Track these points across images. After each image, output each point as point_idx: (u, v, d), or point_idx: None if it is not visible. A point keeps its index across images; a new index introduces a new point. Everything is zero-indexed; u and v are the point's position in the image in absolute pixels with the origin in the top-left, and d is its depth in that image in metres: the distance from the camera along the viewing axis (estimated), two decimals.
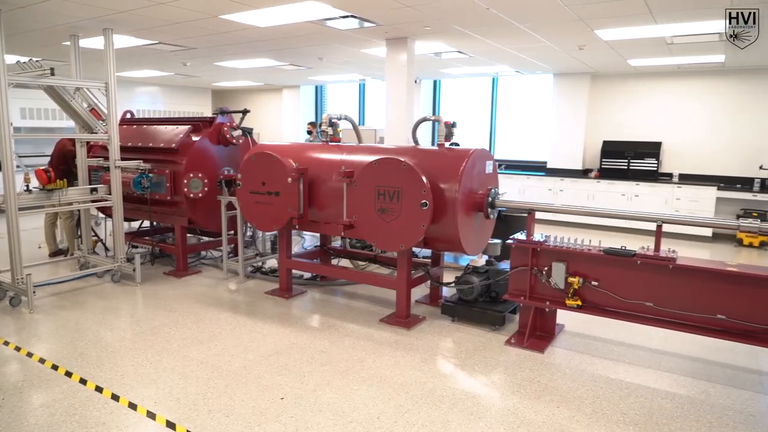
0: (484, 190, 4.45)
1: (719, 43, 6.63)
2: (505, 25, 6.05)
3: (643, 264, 3.74)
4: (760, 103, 8.68)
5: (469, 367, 3.74)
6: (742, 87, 8.80)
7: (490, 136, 11.49)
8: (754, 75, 8.66)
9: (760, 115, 8.68)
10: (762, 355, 3.96)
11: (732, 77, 8.84)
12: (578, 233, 4.55)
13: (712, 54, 7.48)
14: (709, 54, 7.50)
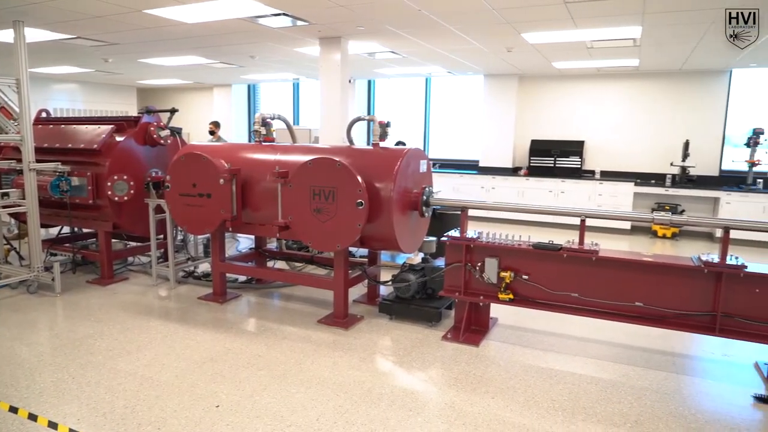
0: (419, 188, 4.51)
1: (634, 47, 7.08)
2: (436, 26, 6.17)
3: (569, 257, 3.94)
4: (670, 104, 9.35)
5: (407, 364, 3.79)
6: (654, 89, 9.45)
7: (424, 135, 11.69)
8: (665, 78, 9.32)
9: (671, 115, 9.35)
10: (674, 338, 4.28)
11: (646, 80, 9.48)
12: (509, 229, 4.71)
13: (627, 58, 7.98)
14: (625, 58, 7.99)
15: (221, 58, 9.07)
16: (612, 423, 3.06)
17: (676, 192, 8.94)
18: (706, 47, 6.91)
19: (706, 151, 9.12)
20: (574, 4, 5.08)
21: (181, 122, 7.27)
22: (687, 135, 9.06)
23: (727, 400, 3.38)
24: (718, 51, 7.19)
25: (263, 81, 12.87)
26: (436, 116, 11.62)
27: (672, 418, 3.12)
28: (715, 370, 3.87)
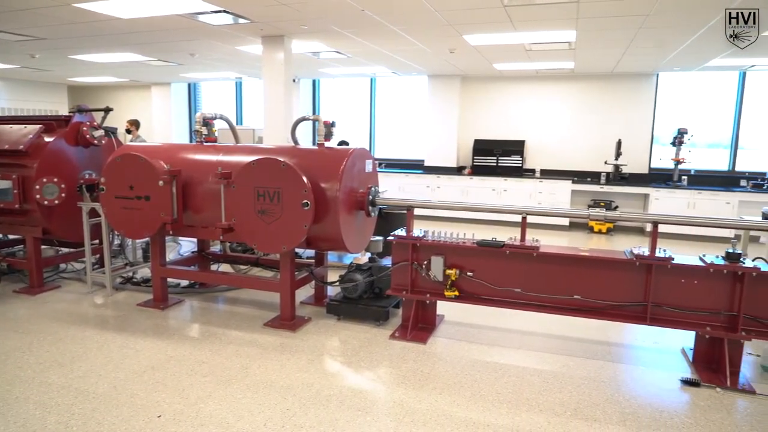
0: (365, 188, 4.52)
1: (569, 51, 7.38)
2: (380, 27, 6.20)
3: (511, 253, 4.06)
4: (604, 106, 9.82)
5: (355, 364, 3.79)
6: (589, 91, 9.89)
7: (370, 135, 11.73)
8: (598, 80, 9.77)
9: (604, 116, 9.82)
10: (609, 329, 4.49)
11: (581, 82, 9.90)
12: (455, 227, 4.80)
13: (564, 61, 8.30)
14: (561, 60, 8.32)
15: (159, 56, 8.75)
16: (553, 412, 3.17)
17: (610, 189, 9.40)
18: (635, 51, 7.30)
19: (637, 150, 9.64)
20: (512, 7, 5.24)
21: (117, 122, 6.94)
22: (619, 135, 9.53)
23: (657, 385, 3.59)
24: (645, 55, 7.61)
25: (204, 80, 12.51)
26: (381, 116, 11.69)
27: (608, 404, 3.28)
28: (646, 357, 4.09)
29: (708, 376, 3.64)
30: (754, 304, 3.60)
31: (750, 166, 9.28)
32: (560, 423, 3.06)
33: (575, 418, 3.12)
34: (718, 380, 3.58)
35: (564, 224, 9.56)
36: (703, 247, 7.67)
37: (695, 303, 3.73)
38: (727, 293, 3.66)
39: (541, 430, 2.98)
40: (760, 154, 9.33)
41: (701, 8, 5.05)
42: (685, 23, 5.65)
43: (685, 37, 6.29)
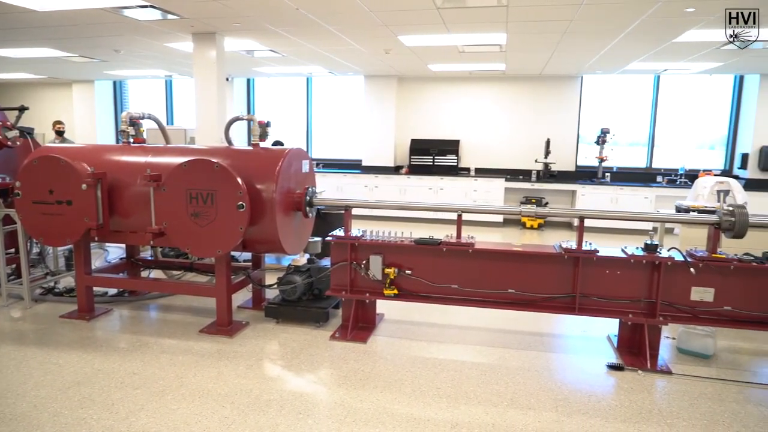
0: (302, 189, 4.47)
1: (500, 53, 7.62)
2: (315, 26, 6.16)
3: (448, 250, 4.15)
4: (533, 106, 10.22)
5: (295, 367, 3.74)
6: (520, 92, 10.27)
7: (307, 135, 11.62)
8: (528, 82, 10.16)
9: (534, 116, 10.23)
10: (542, 320, 4.69)
11: (512, 83, 10.26)
12: (393, 226, 4.85)
13: (495, 62, 8.57)
14: (493, 62, 8.58)
15: (80, 51, 8.26)
16: (491, 403, 3.27)
17: (541, 186, 9.80)
18: (561, 55, 7.65)
19: (564, 149, 10.11)
20: (446, 10, 5.34)
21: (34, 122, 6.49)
22: (548, 134, 9.96)
23: (586, 371, 3.78)
24: (570, 59, 8.00)
25: (131, 77, 11.93)
26: (318, 116, 11.60)
27: (542, 392, 3.42)
28: (576, 345, 4.30)
29: (631, 360, 3.88)
30: (670, 291, 3.87)
31: (665, 163, 9.96)
32: (497, 413, 3.16)
33: (511, 407, 3.23)
34: (639, 363, 3.82)
35: (498, 221, 9.87)
36: (625, 239, 8.15)
37: (618, 292, 3.96)
38: (646, 282, 3.92)
39: (479, 421, 3.07)
40: (673, 151, 10.02)
41: (619, 15, 5.37)
42: (605, 29, 5.98)
43: (606, 42, 6.66)
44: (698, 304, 3.87)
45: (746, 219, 3.61)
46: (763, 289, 3.77)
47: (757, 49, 6.77)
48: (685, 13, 5.19)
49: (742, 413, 3.22)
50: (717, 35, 6.07)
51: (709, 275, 3.81)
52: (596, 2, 4.89)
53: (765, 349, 4.24)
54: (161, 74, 10.96)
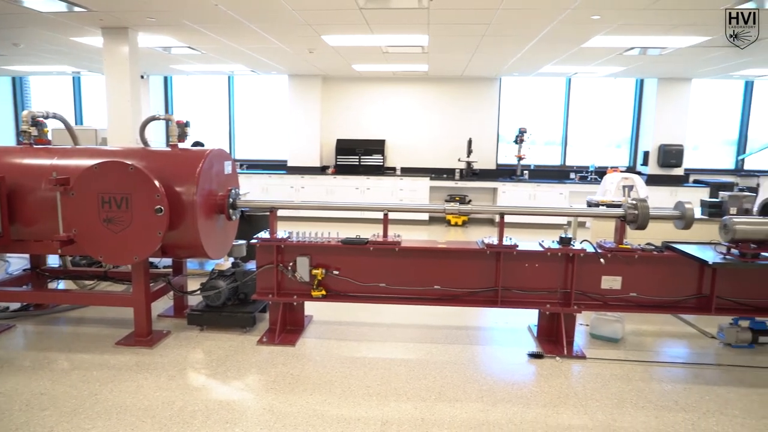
0: (225, 191, 4.34)
1: (423, 54, 7.78)
2: (236, 24, 5.98)
3: (375, 249, 4.18)
4: (455, 107, 10.52)
5: (221, 375, 3.63)
6: (442, 93, 10.53)
7: (230, 135, 11.29)
8: (450, 83, 10.44)
9: (456, 116, 10.53)
10: (467, 314, 4.84)
11: (435, 84, 10.50)
12: (320, 227, 4.81)
13: (418, 63, 8.73)
14: (416, 63, 8.73)
15: None
16: (420, 398, 3.34)
17: (464, 184, 10.11)
18: (481, 57, 7.92)
19: (486, 148, 10.49)
20: (368, 10, 5.37)
21: None
22: (470, 134, 10.29)
23: (509, 361, 3.95)
24: (489, 61, 8.30)
25: (34, 74, 11.04)
26: (241, 116, 11.30)
27: (468, 384, 3.53)
28: (499, 336, 4.47)
29: (549, 348, 4.09)
30: (583, 280, 4.12)
31: (577, 161, 10.58)
32: (426, 407, 3.23)
33: (440, 401, 3.31)
34: (557, 350, 4.04)
35: (424, 219, 10.07)
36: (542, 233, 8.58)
37: (537, 284, 4.17)
38: (562, 273, 4.15)
39: (408, 417, 3.12)
40: (584, 150, 10.66)
41: (533, 21, 5.64)
42: (521, 34, 6.26)
43: (522, 46, 6.98)
44: (608, 291, 4.15)
45: (647, 212, 3.91)
46: (663, 276, 4.11)
47: (654, 55, 7.35)
48: (592, 21, 5.53)
49: (647, 390, 3.49)
50: (620, 41, 6.54)
51: (616, 265, 4.09)
52: (512, 8, 5.11)
53: (666, 331, 4.62)
54: (68, 70, 10.22)
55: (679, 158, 9.84)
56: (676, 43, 6.54)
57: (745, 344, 4.17)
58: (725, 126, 10.51)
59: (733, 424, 3.11)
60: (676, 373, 3.78)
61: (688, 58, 7.58)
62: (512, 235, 4.25)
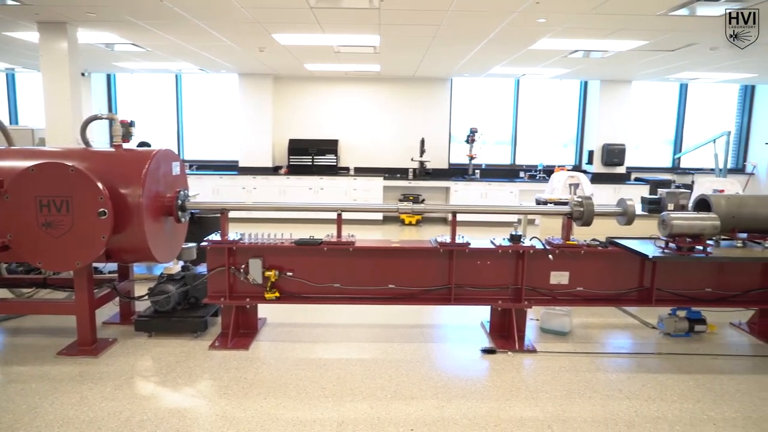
0: (173, 192, 4.22)
1: (375, 54, 7.79)
2: (182, 20, 5.81)
3: (329, 250, 4.16)
4: (408, 107, 10.60)
5: (171, 382, 3.52)
6: (395, 93, 10.59)
7: (178, 136, 10.96)
8: (402, 83, 10.51)
9: (409, 116, 10.61)
10: (422, 312, 4.89)
11: (388, 84, 10.54)
12: (273, 228, 4.75)
13: (370, 63, 8.74)
14: (368, 63, 8.74)
15: None
16: (375, 397, 3.35)
17: (417, 184, 10.20)
18: (432, 58, 8.01)
19: (438, 148, 10.62)
20: (319, 10, 5.34)
21: None
22: (422, 134, 10.39)
23: (463, 357, 4.01)
24: (441, 61, 8.41)
25: None
26: (189, 115, 10.99)
27: (423, 381, 3.57)
28: (453, 334, 4.54)
29: (502, 343, 4.19)
30: (533, 276, 4.24)
31: (526, 160, 10.87)
32: (382, 406, 3.24)
33: (395, 399, 3.33)
34: (509, 345, 4.14)
35: (378, 219, 10.10)
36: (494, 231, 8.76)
37: (489, 281, 4.26)
38: (513, 270, 4.25)
39: (364, 416, 3.12)
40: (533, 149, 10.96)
41: (482, 23, 5.75)
42: (470, 35, 6.37)
43: (472, 47, 7.11)
44: (556, 286, 4.29)
45: (592, 209, 4.06)
46: (607, 270, 4.28)
47: (597, 58, 7.65)
48: (538, 24, 5.70)
49: (594, 380, 3.63)
50: (565, 44, 6.77)
51: (564, 260, 4.24)
52: (461, 9, 5.19)
53: (610, 323, 4.81)
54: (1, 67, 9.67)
55: (622, 157, 10.27)
56: (616, 47, 6.82)
57: (682, 333, 4.41)
58: (663, 126, 11.06)
59: (671, 409, 3.28)
60: (620, 363, 3.95)
61: (628, 61, 7.92)
62: (465, 234, 4.33)
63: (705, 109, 10.94)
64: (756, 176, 10.69)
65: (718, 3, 4.66)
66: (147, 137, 8.68)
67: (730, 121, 10.99)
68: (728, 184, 6.60)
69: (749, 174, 10.79)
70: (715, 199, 4.04)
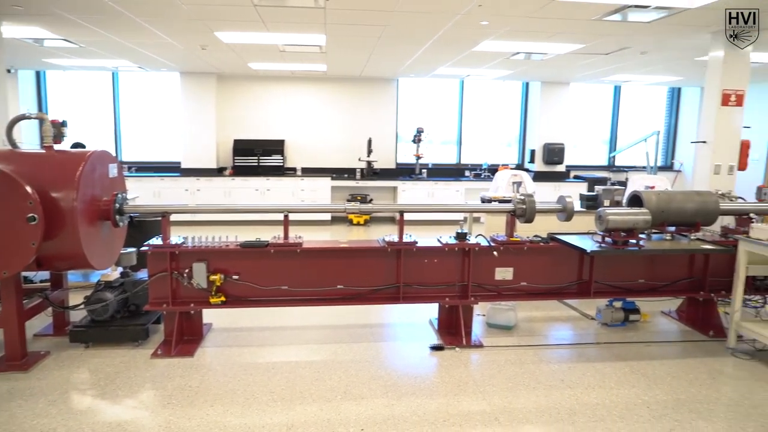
0: (110, 195, 4.03)
1: (321, 54, 7.74)
2: (118, 15, 5.57)
3: (276, 252, 4.11)
4: (355, 107, 10.60)
5: (111, 394, 3.37)
6: (342, 93, 10.56)
7: (116, 136, 10.50)
8: (349, 83, 10.49)
9: (356, 116, 10.61)
10: (370, 312, 4.90)
11: (334, 84, 10.50)
12: (218, 231, 4.63)
13: (316, 63, 8.68)
14: (314, 63, 8.68)
15: None
16: (325, 399, 3.33)
17: (365, 184, 10.22)
18: (378, 58, 8.05)
19: (385, 148, 10.68)
20: (263, 7, 5.25)
21: None
22: (370, 134, 10.42)
23: (412, 355, 4.06)
24: (387, 62, 8.46)
25: None
26: (128, 115, 10.54)
27: (373, 381, 3.58)
28: (402, 332, 4.59)
29: (450, 340, 4.26)
30: (479, 273, 4.34)
31: (472, 159, 11.10)
32: (332, 408, 3.23)
33: (345, 400, 3.33)
34: (457, 341, 4.22)
35: (326, 219, 10.05)
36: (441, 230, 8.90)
37: (437, 278, 4.32)
38: (459, 267, 4.34)
39: (314, 419, 3.10)
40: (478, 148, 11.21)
41: (427, 24, 5.82)
42: (416, 36, 6.44)
43: (417, 48, 7.19)
44: (501, 282, 4.40)
45: (534, 206, 4.20)
46: (549, 265, 4.44)
47: (537, 60, 7.91)
48: (481, 26, 5.83)
49: (538, 372, 3.76)
50: (507, 46, 6.96)
51: (508, 256, 4.36)
52: (406, 10, 5.24)
53: (553, 315, 4.99)
54: None
55: (561, 156, 10.67)
56: (555, 50, 7.08)
57: (618, 323, 4.64)
58: (599, 126, 11.57)
59: (609, 395, 3.44)
60: (562, 354, 4.11)
61: (566, 64, 8.24)
62: (412, 233, 4.37)
63: (637, 110, 11.54)
64: (683, 173, 11.36)
65: (647, 10, 4.92)
66: (81, 138, 8.24)
67: (660, 122, 11.64)
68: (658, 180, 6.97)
69: (677, 171, 11.46)
70: (647, 195, 4.27)
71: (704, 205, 4.26)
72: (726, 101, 5.83)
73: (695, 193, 4.38)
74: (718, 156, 5.97)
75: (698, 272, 4.60)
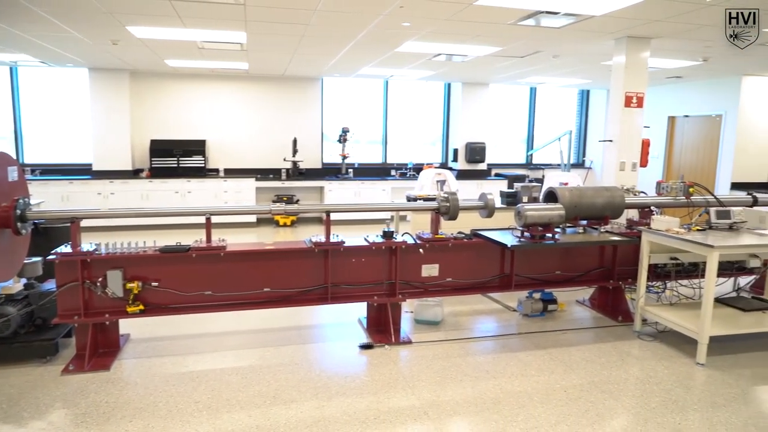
0: (9, 201, 3.71)
1: (242, 52, 7.54)
2: (15, 5, 5.13)
3: (198, 256, 3.96)
4: (279, 106, 10.42)
5: (14, 417, 3.10)
6: (265, 92, 10.34)
7: (16, 137, 9.67)
8: (272, 82, 10.30)
9: (281, 115, 10.43)
10: (299, 314, 4.84)
11: (257, 83, 10.26)
12: (136, 236, 4.39)
13: (238, 61, 8.44)
14: (235, 61, 8.43)
15: None
16: (254, 405, 3.25)
17: (291, 184, 10.08)
18: (301, 57, 7.95)
19: (311, 148, 10.58)
20: (179, 2, 5.03)
21: None
22: (295, 133, 10.28)
23: (342, 355, 4.06)
24: (310, 61, 8.38)
25: None
26: (29, 114, 9.74)
27: (303, 384, 3.54)
28: (331, 332, 4.57)
29: (379, 338, 4.30)
30: (406, 271, 4.41)
31: (397, 158, 11.25)
32: (261, 413, 3.16)
33: (275, 404, 3.27)
34: (386, 339, 4.26)
35: (252, 221, 9.81)
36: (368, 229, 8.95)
37: (365, 277, 4.34)
38: (387, 265, 4.38)
39: (242, 426, 3.02)
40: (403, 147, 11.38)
41: (350, 24, 5.82)
42: (339, 36, 6.43)
43: (340, 48, 7.18)
44: (428, 279, 4.50)
45: (457, 204, 4.32)
46: (472, 260, 4.59)
47: (458, 62, 8.14)
48: (403, 27, 5.92)
49: (464, 364, 3.88)
50: (429, 48, 7.11)
51: (434, 253, 4.46)
52: (329, 10, 5.21)
53: (477, 309, 5.17)
54: None
55: (483, 154, 11.05)
56: (474, 52, 7.32)
57: (537, 313, 4.88)
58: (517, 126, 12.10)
59: (531, 382, 3.61)
60: (487, 346, 4.27)
61: (485, 65, 8.55)
62: (340, 232, 4.36)
63: (551, 111, 12.19)
64: (593, 170, 12.14)
65: (558, 16, 5.21)
66: None
67: (572, 122, 12.36)
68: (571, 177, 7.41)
69: (588, 168, 12.22)
70: (561, 191, 4.52)
71: (612, 200, 4.58)
72: (628, 102, 6.29)
73: (604, 189, 4.70)
74: (623, 153, 6.43)
75: (608, 262, 4.94)
